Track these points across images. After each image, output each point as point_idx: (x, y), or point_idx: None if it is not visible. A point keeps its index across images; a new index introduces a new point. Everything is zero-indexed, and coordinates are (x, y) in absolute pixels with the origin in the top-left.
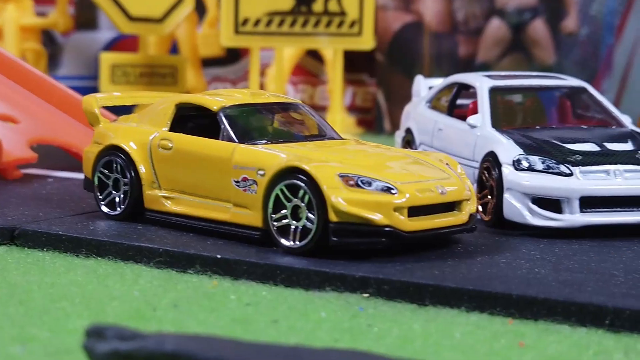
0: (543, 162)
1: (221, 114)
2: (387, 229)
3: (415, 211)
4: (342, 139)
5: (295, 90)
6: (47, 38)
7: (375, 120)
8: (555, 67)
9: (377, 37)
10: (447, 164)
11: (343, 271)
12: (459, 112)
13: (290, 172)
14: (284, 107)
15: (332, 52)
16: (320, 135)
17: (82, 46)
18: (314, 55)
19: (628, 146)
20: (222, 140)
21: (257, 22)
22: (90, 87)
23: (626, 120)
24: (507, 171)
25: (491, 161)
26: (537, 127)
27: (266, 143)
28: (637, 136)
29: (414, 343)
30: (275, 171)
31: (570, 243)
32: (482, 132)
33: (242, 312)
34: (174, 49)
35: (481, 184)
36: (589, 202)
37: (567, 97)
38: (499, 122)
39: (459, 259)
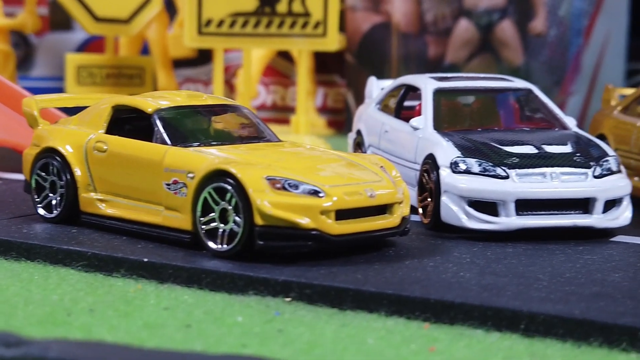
0: (480, 165)
1: (155, 116)
2: (313, 232)
3: (343, 214)
4: (280, 141)
5: (267, 91)
6: (21, 39)
7: (346, 121)
8: (523, 68)
9: (346, 38)
10: (382, 166)
11: (266, 275)
12: (407, 114)
13: (218, 175)
14: (222, 110)
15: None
16: (257, 137)
17: (55, 47)
18: (286, 56)
19: (567, 149)
20: (156, 142)
21: (220, 23)
22: (62, 89)
23: (570, 122)
24: (445, 174)
25: (430, 164)
26: (479, 129)
27: (199, 145)
28: (578, 138)
29: (322, 348)
30: (203, 174)
31: (504, 246)
32: (423, 134)
33: (157, 316)
34: (145, 50)
35: (421, 187)
36: (524, 205)
37: (516, 99)
38: (441, 124)
39: (386, 263)
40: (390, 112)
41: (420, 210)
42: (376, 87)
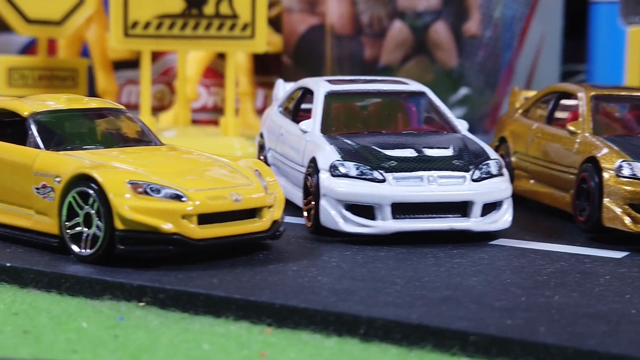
0: (357, 169)
1: (30, 120)
2: (174, 236)
3: (207, 218)
4: (160, 144)
5: (208, 93)
6: None
7: None
8: (458, 70)
9: (283, 40)
10: (257, 170)
11: (123, 280)
12: (305, 117)
13: (82, 179)
14: (102, 113)
15: (243, 55)
16: (136, 141)
17: None
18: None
19: (448, 152)
20: (29, 146)
21: (147, 25)
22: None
23: (461, 126)
24: (324, 177)
25: (313, 167)
26: (366, 132)
27: (71, 149)
28: (464, 142)
29: (151, 354)
30: (68, 178)
31: (379, 250)
32: (310, 138)
33: (2, 322)
34: (86, 52)
35: (306, 190)
36: (401, 209)
37: (413, 102)
38: (329, 128)
39: (249, 267)
40: (289, 115)
41: (305, 214)
42: (282, 89)
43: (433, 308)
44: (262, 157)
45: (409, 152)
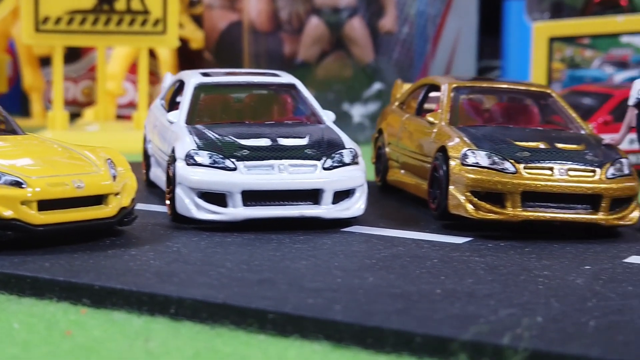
0: (210, 157)
1: None
2: (14, 222)
3: (49, 205)
4: (23, 134)
5: (136, 89)
6: None
7: None
8: (374, 65)
9: (204, 36)
10: (109, 159)
11: None
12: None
13: None
14: None
15: (166, 51)
16: None
17: None
18: (152, 53)
19: (302, 142)
20: None
21: (58, 21)
22: None
23: (327, 117)
24: (179, 166)
25: (172, 156)
26: (229, 123)
27: None
28: (322, 132)
29: None
30: None
31: (228, 236)
32: (175, 128)
33: None
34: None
35: (168, 179)
36: (252, 196)
37: (287, 94)
38: (193, 119)
39: (90, 252)
40: (167, 107)
41: (168, 202)
42: (170, 82)
43: (245, 289)
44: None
45: (264, 142)
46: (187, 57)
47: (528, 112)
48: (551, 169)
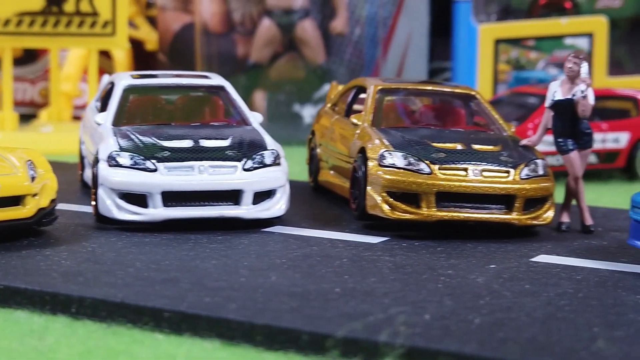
0: (132, 159)
1: None
2: None
3: None
4: None
5: None
6: None
7: None
8: (325, 67)
9: (158, 37)
10: (29, 161)
11: None
12: None
13: None
14: None
15: (122, 53)
16: None
17: None
18: (107, 54)
19: (224, 143)
20: None
21: (6, 22)
22: None
23: (254, 119)
24: (102, 167)
25: (96, 158)
26: (155, 124)
27: None
28: (247, 134)
29: None
30: None
31: (147, 237)
32: (101, 130)
33: None
34: None
35: (94, 180)
36: (172, 197)
37: (217, 96)
38: (120, 120)
39: (4, 252)
40: (99, 109)
41: (93, 203)
42: (104, 84)
43: (147, 288)
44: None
45: (186, 143)
46: (142, 59)
47: (454, 113)
48: (466, 169)
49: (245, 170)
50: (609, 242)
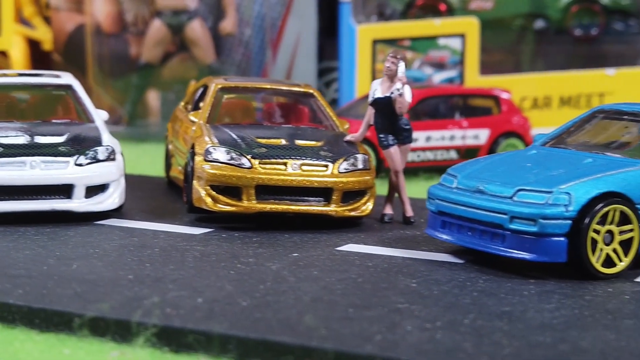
0: None
1: None
2: None
3: None
4: None
5: None
6: None
7: None
8: (216, 67)
9: (53, 38)
10: None
11: None
12: None
13: None
14: None
15: (18, 52)
16: None
17: None
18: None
19: (59, 139)
20: None
21: None
22: None
23: (97, 117)
24: None
25: None
26: (12, 122)
27: None
28: (87, 131)
29: None
30: None
31: None
32: None
33: None
34: None
35: None
36: (4, 191)
37: (66, 95)
38: None
39: None
40: None
41: None
42: None
43: None
44: None
45: (21, 140)
46: (39, 58)
47: (293, 111)
48: (285, 164)
49: (77, 165)
50: (423, 232)
